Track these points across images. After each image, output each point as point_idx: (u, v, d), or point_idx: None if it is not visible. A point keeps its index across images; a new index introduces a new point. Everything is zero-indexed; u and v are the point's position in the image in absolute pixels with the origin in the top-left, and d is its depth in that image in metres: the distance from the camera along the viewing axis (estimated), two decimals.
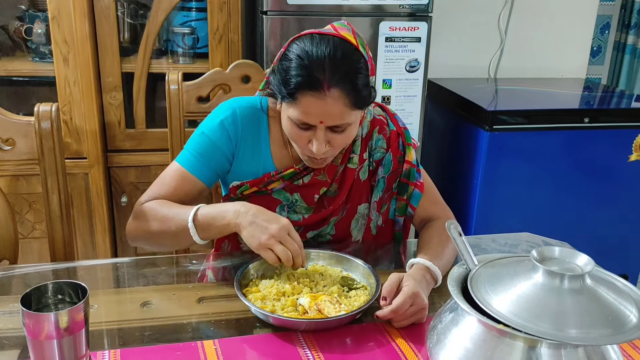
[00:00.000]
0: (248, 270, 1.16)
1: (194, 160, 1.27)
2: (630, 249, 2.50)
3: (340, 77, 1.11)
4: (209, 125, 1.29)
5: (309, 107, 1.13)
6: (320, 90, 1.11)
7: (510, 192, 2.31)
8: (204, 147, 1.27)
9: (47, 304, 0.90)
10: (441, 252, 1.20)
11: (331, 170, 1.30)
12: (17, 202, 2.10)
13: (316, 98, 1.11)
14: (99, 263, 1.33)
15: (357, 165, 1.32)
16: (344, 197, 1.32)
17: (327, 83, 1.10)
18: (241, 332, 1.03)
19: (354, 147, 1.31)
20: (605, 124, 2.32)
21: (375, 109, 1.37)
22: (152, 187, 1.28)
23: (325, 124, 1.14)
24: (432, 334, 0.88)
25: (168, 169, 1.29)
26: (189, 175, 1.26)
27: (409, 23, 2.15)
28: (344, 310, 1.04)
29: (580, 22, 2.89)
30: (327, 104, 1.12)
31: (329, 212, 1.31)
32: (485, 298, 0.80)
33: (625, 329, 0.73)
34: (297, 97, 1.13)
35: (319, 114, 1.13)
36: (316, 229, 1.33)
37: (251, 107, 1.31)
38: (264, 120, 1.31)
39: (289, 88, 1.13)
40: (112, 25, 2.07)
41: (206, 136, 1.28)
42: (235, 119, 1.28)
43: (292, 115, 1.16)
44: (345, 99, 1.12)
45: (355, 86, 1.13)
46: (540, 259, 0.81)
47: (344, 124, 1.16)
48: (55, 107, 1.33)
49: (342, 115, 1.14)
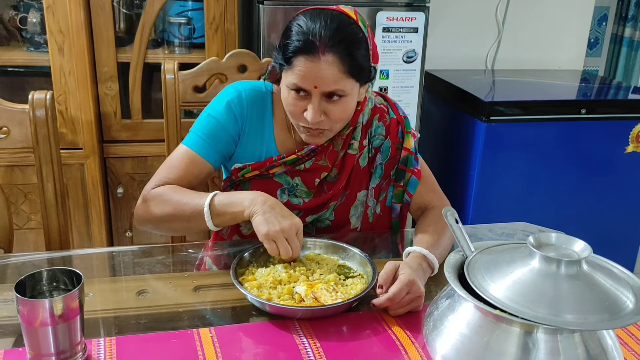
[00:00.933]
0: (244, 258, 1.15)
1: (202, 142, 1.28)
2: (626, 239, 2.51)
3: (335, 43, 1.14)
4: (215, 107, 1.30)
5: (303, 71, 1.15)
6: (315, 54, 1.14)
7: (507, 183, 2.31)
8: (211, 128, 1.29)
9: (42, 291, 0.89)
10: (438, 240, 1.20)
11: (332, 155, 1.31)
12: (13, 192, 2.09)
13: (310, 61, 1.14)
14: (94, 252, 1.33)
15: (357, 152, 1.33)
16: (344, 183, 1.33)
17: (322, 47, 1.14)
18: (237, 320, 1.02)
19: (355, 134, 1.32)
20: (602, 115, 2.32)
21: (377, 97, 1.39)
22: (159, 172, 1.28)
23: (320, 89, 1.16)
24: (428, 321, 0.87)
25: (175, 152, 1.30)
26: (197, 157, 1.27)
27: (406, 13, 2.14)
28: (340, 298, 1.03)
29: (577, 14, 2.88)
30: (321, 68, 1.14)
31: (329, 197, 1.32)
32: (481, 284, 0.79)
33: (622, 314, 0.73)
34: (292, 62, 1.16)
35: (312, 78, 1.15)
36: (315, 213, 1.34)
37: (256, 90, 1.33)
38: (269, 103, 1.33)
39: (286, 54, 1.17)
40: (108, 15, 2.05)
41: (213, 117, 1.29)
42: (241, 101, 1.30)
43: (289, 82, 1.18)
44: (339, 64, 1.15)
45: (350, 53, 1.16)
46: (537, 245, 0.81)
47: (338, 91, 1.17)
48: (50, 94, 1.32)
49: (336, 81, 1.16)
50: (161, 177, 1.26)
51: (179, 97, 1.61)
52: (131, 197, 2.27)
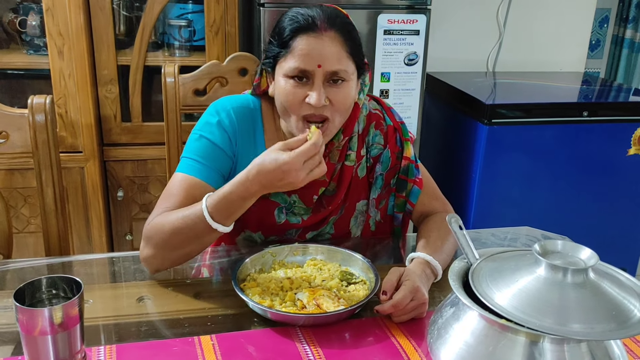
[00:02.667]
0: (245, 265, 1.14)
1: (199, 165, 1.19)
2: (628, 243, 2.50)
3: (336, 22, 1.14)
4: (206, 129, 1.23)
5: (306, 49, 1.11)
6: (317, 31, 1.12)
7: (508, 186, 2.30)
8: (206, 150, 1.21)
9: (41, 299, 0.88)
10: (441, 246, 1.18)
11: (329, 168, 1.26)
12: (12, 196, 2.09)
13: (313, 37, 1.12)
14: (94, 258, 1.32)
15: (354, 163, 1.29)
16: (343, 196, 1.29)
17: (323, 25, 1.13)
18: (239, 328, 1.01)
19: (351, 144, 1.29)
20: (604, 117, 2.32)
21: (371, 102, 1.35)
22: (158, 205, 1.17)
23: (324, 68, 1.11)
24: (432, 329, 0.86)
25: (171, 181, 1.20)
26: (196, 181, 1.17)
27: (407, 16, 2.13)
28: (342, 305, 1.02)
29: (578, 16, 2.88)
30: (325, 43, 1.11)
31: (328, 213, 1.29)
32: (486, 292, 0.78)
33: (629, 323, 0.72)
34: (292, 44, 1.13)
35: (316, 55, 1.11)
36: (316, 230, 1.31)
37: (244, 107, 1.27)
38: (258, 118, 1.28)
39: (284, 38, 1.13)
40: (108, 18, 2.05)
41: (206, 139, 1.21)
42: (232, 119, 1.24)
43: (288, 67, 1.13)
44: (341, 41, 1.13)
45: (350, 33, 1.15)
46: (542, 253, 0.80)
47: (341, 72, 1.13)
48: (49, 99, 1.32)
49: (339, 59, 1.13)
50: (160, 209, 1.15)
51: (179, 100, 1.60)
52: (131, 200, 2.26)
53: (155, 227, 1.11)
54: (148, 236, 1.12)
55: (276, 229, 1.29)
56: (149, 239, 1.12)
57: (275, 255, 1.19)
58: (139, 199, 2.27)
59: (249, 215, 1.26)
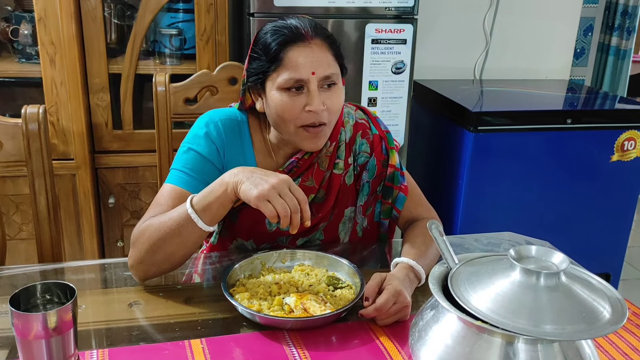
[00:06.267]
0: (235, 270, 1.17)
1: (187, 177, 1.22)
2: (612, 248, 2.54)
3: (318, 30, 1.19)
4: (195, 141, 1.26)
5: (298, 60, 1.16)
6: (305, 40, 1.17)
7: (495, 192, 2.34)
8: (194, 162, 1.23)
9: (36, 304, 0.91)
10: (425, 251, 1.22)
11: (318, 175, 1.30)
12: (4, 203, 2.10)
13: (302, 47, 1.16)
14: (86, 264, 1.34)
15: (342, 171, 1.32)
16: (332, 203, 1.32)
17: (309, 34, 1.18)
18: (228, 331, 1.04)
19: (339, 153, 1.32)
20: (588, 124, 2.36)
21: (357, 112, 1.39)
22: (145, 214, 1.20)
23: (317, 74, 1.17)
24: (413, 331, 0.90)
25: (160, 192, 1.23)
26: (184, 192, 1.19)
27: (394, 25, 2.17)
28: (329, 309, 1.06)
29: (564, 24, 2.93)
30: (314, 51, 1.17)
31: (318, 220, 1.32)
32: (464, 296, 0.82)
33: (599, 324, 0.76)
34: (282, 57, 1.17)
35: (308, 63, 1.16)
36: (306, 236, 1.34)
37: (232, 119, 1.30)
38: (246, 131, 1.31)
39: (272, 51, 1.17)
40: (99, 26, 2.07)
41: (194, 151, 1.24)
42: (220, 132, 1.27)
43: (282, 80, 1.17)
44: (328, 47, 1.19)
45: (332, 39, 1.21)
46: (517, 258, 0.83)
47: (333, 76, 1.19)
48: (42, 108, 1.34)
49: (329, 63, 1.19)
50: (147, 217, 1.17)
51: (170, 109, 1.63)
52: (122, 207, 2.28)
53: (141, 230, 1.14)
54: (133, 240, 1.16)
55: (267, 236, 1.32)
56: (134, 243, 1.15)
57: (265, 263, 1.22)
58: (130, 206, 2.29)
59: (240, 223, 1.30)
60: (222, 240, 1.37)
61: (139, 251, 1.14)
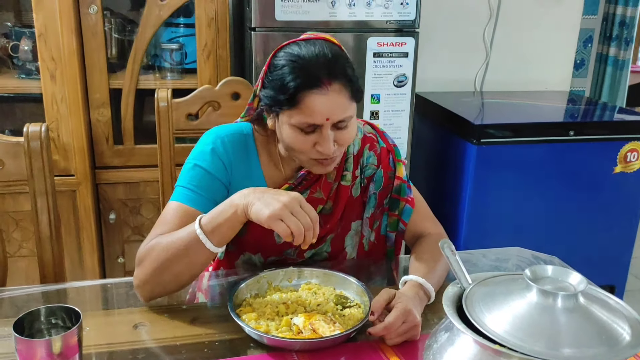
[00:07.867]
0: (241, 290, 1.15)
1: (192, 194, 1.20)
2: (616, 260, 2.53)
3: (337, 71, 1.14)
4: (201, 157, 1.24)
5: (313, 106, 1.13)
6: (322, 87, 1.12)
7: (498, 205, 2.33)
8: (201, 178, 1.22)
9: (40, 328, 0.89)
10: (433, 268, 1.20)
11: (326, 187, 1.30)
12: (4, 220, 2.08)
13: (319, 95, 1.12)
14: (89, 284, 1.32)
15: (350, 183, 1.32)
16: (340, 215, 1.32)
17: (327, 79, 1.12)
18: (235, 353, 1.02)
19: (347, 165, 1.32)
20: (590, 136, 2.36)
21: (365, 126, 1.39)
22: (151, 232, 1.18)
23: (331, 120, 1.14)
24: (427, 354, 0.88)
25: (165, 210, 1.21)
26: (190, 210, 1.18)
27: (396, 38, 2.17)
28: (338, 329, 1.04)
29: (563, 36, 2.94)
30: (331, 99, 1.13)
31: (326, 231, 1.31)
32: (480, 317, 0.80)
33: (619, 347, 0.74)
34: (298, 100, 1.13)
35: (324, 111, 1.13)
36: (314, 248, 1.33)
37: (237, 133, 1.29)
38: (252, 144, 1.30)
39: (288, 93, 1.13)
40: (100, 41, 2.06)
41: (200, 168, 1.23)
42: (226, 147, 1.25)
43: (296, 121, 1.15)
44: (345, 91, 1.15)
45: (350, 78, 1.16)
46: (533, 278, 0.81)
47: (347, 118, 1.16)
48: (44, 127, 1.32)
49: (345, 109, 1.15)
50: (154, 235, 1.16)
51: (172, 124, 1.62)
52: (123, 223, 2.26)
53: (147, 249, 1.13)
54: (139, 260, 1.14)
55: (275, 249, 1.31)
56: (140, 262, 1.13)
57: (272, 282, 1.20)
58: (131, 222, 2.27)
59: (248, 237, 1.28)
60: (228, 255, 1.36)
61: (145, 271, 1.12)
